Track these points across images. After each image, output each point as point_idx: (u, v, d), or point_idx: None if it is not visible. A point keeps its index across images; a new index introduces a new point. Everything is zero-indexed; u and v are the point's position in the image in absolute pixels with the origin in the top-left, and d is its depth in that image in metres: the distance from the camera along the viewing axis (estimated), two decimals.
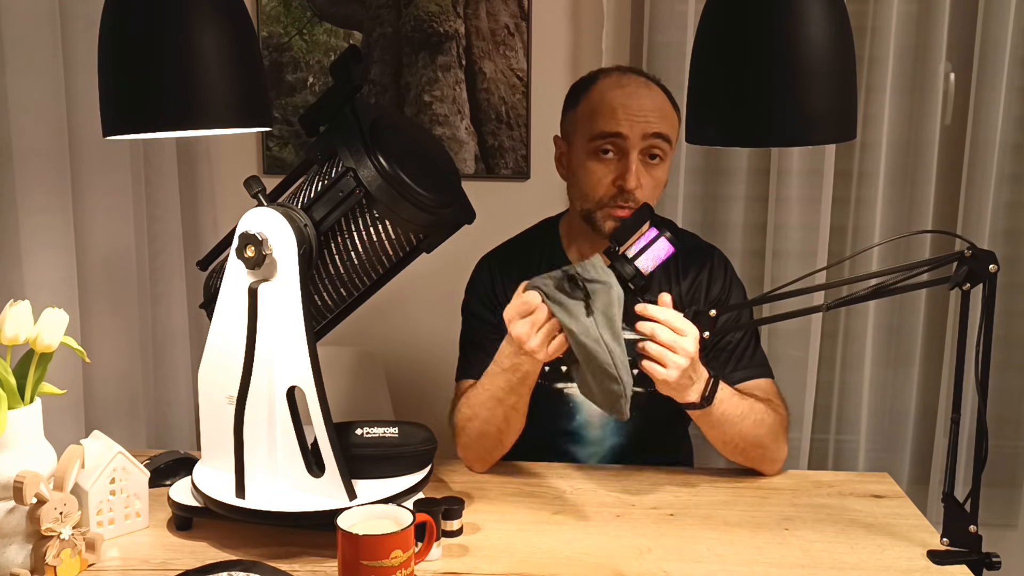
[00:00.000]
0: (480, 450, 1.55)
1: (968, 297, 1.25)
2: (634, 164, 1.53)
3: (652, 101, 1.55)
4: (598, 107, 1.56)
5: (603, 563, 1.26)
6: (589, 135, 1.56)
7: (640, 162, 1.54)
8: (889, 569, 1.27)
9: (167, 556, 1.29)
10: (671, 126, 1.56)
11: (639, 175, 1.53)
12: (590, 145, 1.56)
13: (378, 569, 1.11)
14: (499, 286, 1.66)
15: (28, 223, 1.66)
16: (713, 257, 1.69)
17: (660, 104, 1.56)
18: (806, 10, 1.13)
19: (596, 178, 1.55)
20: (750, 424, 1.47)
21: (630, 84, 1.57)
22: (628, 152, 1.53)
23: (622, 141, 1.53)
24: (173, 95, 1.16)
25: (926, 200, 2.16)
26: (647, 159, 1.55)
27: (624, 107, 1.53)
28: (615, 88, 1.57)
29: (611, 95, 1.56)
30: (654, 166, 1.55)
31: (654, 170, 1.56)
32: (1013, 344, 2.21)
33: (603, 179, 1.55)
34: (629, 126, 1.52)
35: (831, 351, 2.26)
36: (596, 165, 1.56)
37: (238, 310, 1.29)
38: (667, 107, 1.57)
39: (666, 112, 1.56)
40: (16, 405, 1.22)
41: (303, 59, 2.29)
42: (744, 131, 1.19)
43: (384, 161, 1.25)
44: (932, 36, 2.10)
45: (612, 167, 1.54)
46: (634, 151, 1.53)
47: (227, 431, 1.31)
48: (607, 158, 1.55)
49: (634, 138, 1.52)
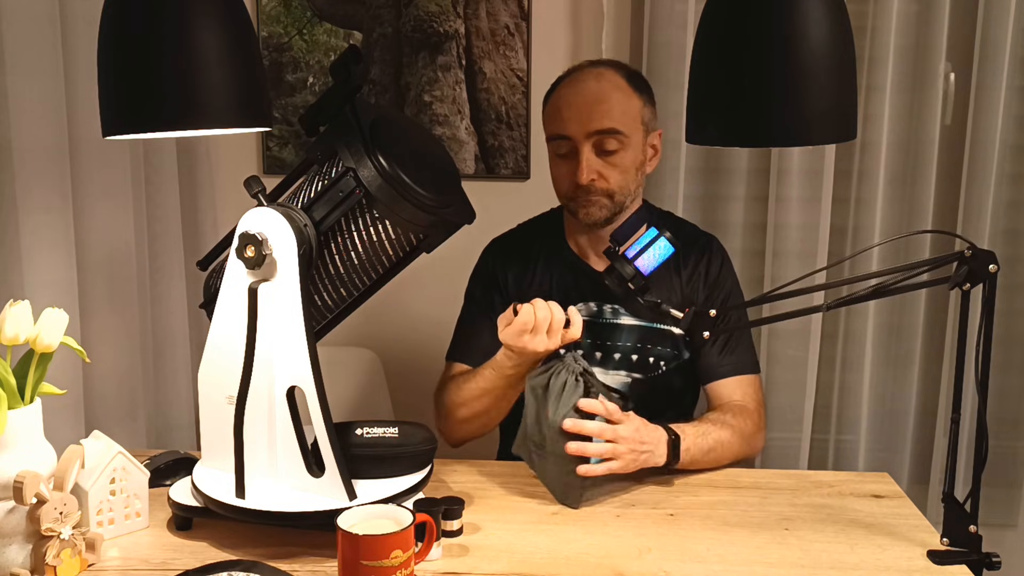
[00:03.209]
0: (462, 433, 1.64)
1: (968, 297, 1.25)
2: (584, 160, 1.57)
3: (598, 94, 1.58)
4: (551, 109, 1.63)
5: (603, 563, 1.26)
6: (547, 137, 1.64)
7: (595, 156, 1.58)
8: (889, 569, 1.27)
9: (167, 556, 1.29)
10: (622, 115, 1.58)
11: (593, 168, 1.58)
12: (550, 146, 1.64)
13: (378, 569, 1.11)
14: (499, 272, 1.72)
15: (28, 223, 1.66)
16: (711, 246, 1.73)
17: (608, 96, 1.58)
18: (806, 10, 1.13)
19: (558, 177, 1.64)
20: (717, 456, 1.55)
21: (579, 80, 1.62)
22: (579, 150, 1.58)
23: (569, 141, 1.58)
24: (173, 95, 1.16)
25: (926, 200, 2.16)
26: (604, 150, 1.57)
27: (568, 106, 1.59)
28: (566, 87, 1.63)
29: (561, 96, 1.62)
30: (612, 155, 1.58)
31: (614, 159, 1.59)
32: (1013, 344, 2.21)
33: (564, 177, 1.62)
34: (573, 126, 1.58)
35: (831, 351, 2.26)
36: (557, 164, 1.64)
37: (238, 310, 1.29)
38: (619, 96, 1.59)
39: (615, 102, 1.58)
40: (16, 405, 1.22)
41: (303, 59, 2.29)
42: (744, 131, 1.19)
43: (384, 161, 1.25)
44: (932, 36, 2.10)
45: (571, 165, 1.60)
46: (583, 147, 1.58)
47: (227, 431, 1.31)
48: (565, 157, 1.61)
49: (579, 137, 1.58)
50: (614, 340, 1.66)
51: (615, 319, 1.66)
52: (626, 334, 1.66)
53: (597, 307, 1.67)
